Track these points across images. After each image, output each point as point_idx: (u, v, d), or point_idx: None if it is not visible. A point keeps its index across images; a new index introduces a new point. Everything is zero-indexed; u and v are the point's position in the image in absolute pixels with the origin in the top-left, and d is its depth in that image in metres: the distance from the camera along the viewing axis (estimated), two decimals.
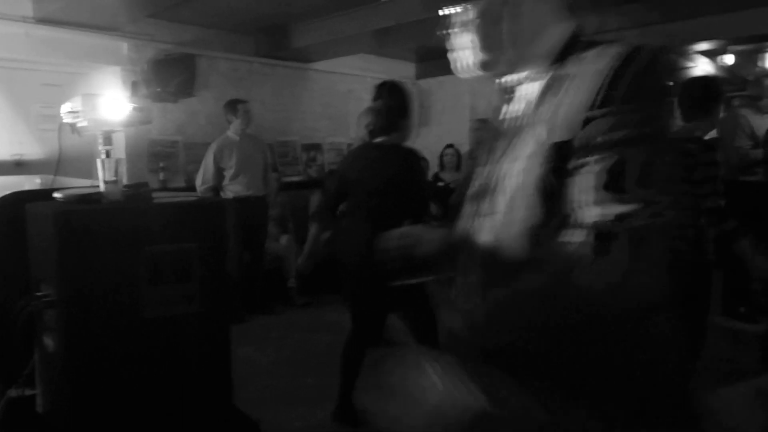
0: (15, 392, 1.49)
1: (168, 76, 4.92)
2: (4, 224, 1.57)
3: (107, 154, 1.46)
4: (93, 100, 1.43)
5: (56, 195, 1.40)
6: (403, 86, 2.67)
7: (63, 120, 1.50)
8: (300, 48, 5.28)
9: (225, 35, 5.39)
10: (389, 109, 2.58)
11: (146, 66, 4.83)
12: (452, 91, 7.04)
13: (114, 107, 1.45)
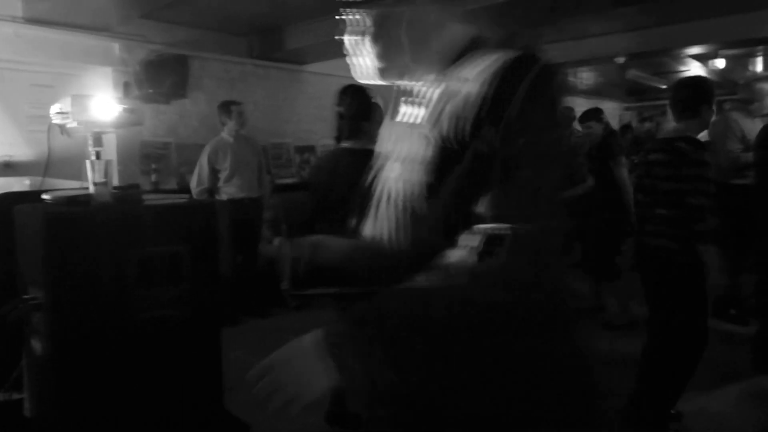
0: (2, 396, 1.47)
1: (160, 78, 4.90)
2: None
3: (97, 156, 1.44)
4: (82, 101, 1.42)
5: (45, 197, 1.38)
6: (367, 89, 2.65)
7: (52, 121, 1.49)
8: (293, 49, 5.28)
9: (218, 36, 5.38)
10: (354, 113, 2.55)
11: (138, 67, 4.81)
12: None
13: (104, 108, 1.44)
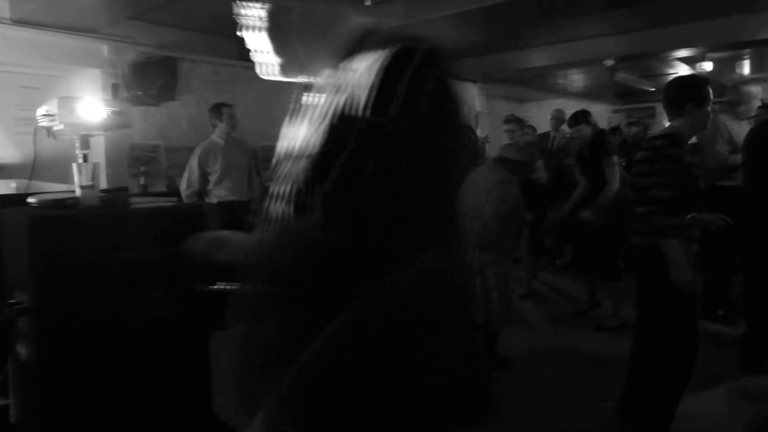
0: None
1: (149, 80, 4.86)
2: None
3: (84, 159, 1.43)
4: (69, 103, 1.40)
5: (30, 200, 1.37)
6: None
7: (38, 123, 1.47)
8: None
9: (207, 38, 5.35)
10: None
11: (127, 69, 4.77)
12: None
13: (91, 110, 1.42)
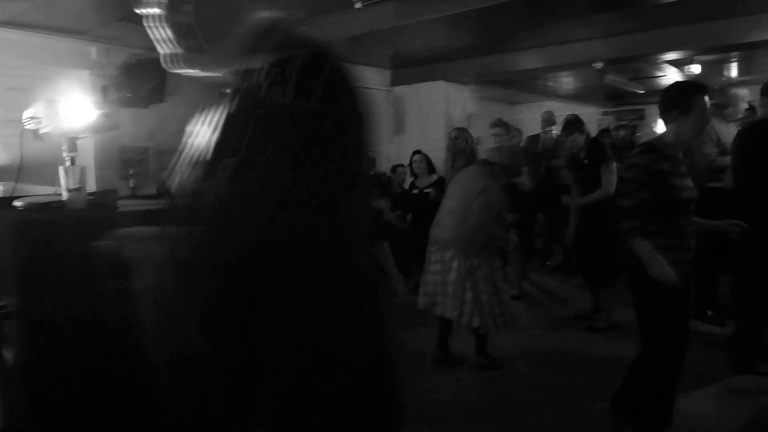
0: None
1: (139, 81, 4.82)
2: None
3: (71, 161, 1.42)
4: (56, 106, 1.39)
5: (16, 203, 1.36)
6: None
7: (25, 126, 1.46)
8: None
9: None
10: None
11: (116, 70, 4.74)
12: (427, 99, 7.07)
13: (79, 113, 1.41)
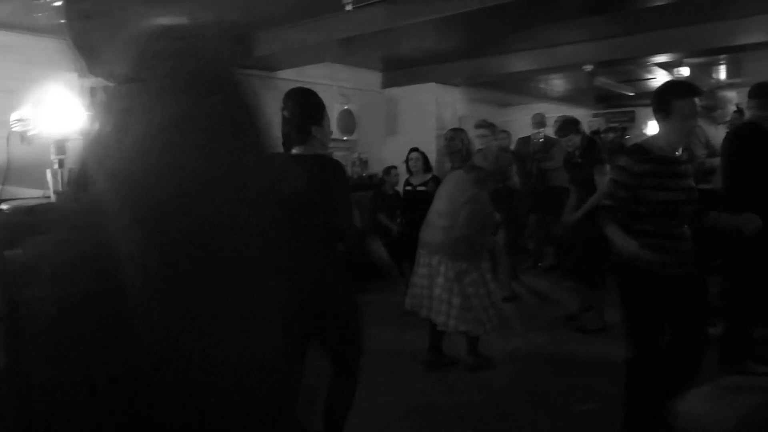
0: None
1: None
2: None
3: (60, 164, 1.40)
4: (44, 108, 1.37)
5: (2, 206, 1.33)
6: (313, 92, 2.46)
7: (12, 128, 1.43)
8: (264, 56, 5.22)
9: None
10: (300, 117, 2.39)
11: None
12: (419, 100, 7.08)
13: (67, 115, 1.39)
